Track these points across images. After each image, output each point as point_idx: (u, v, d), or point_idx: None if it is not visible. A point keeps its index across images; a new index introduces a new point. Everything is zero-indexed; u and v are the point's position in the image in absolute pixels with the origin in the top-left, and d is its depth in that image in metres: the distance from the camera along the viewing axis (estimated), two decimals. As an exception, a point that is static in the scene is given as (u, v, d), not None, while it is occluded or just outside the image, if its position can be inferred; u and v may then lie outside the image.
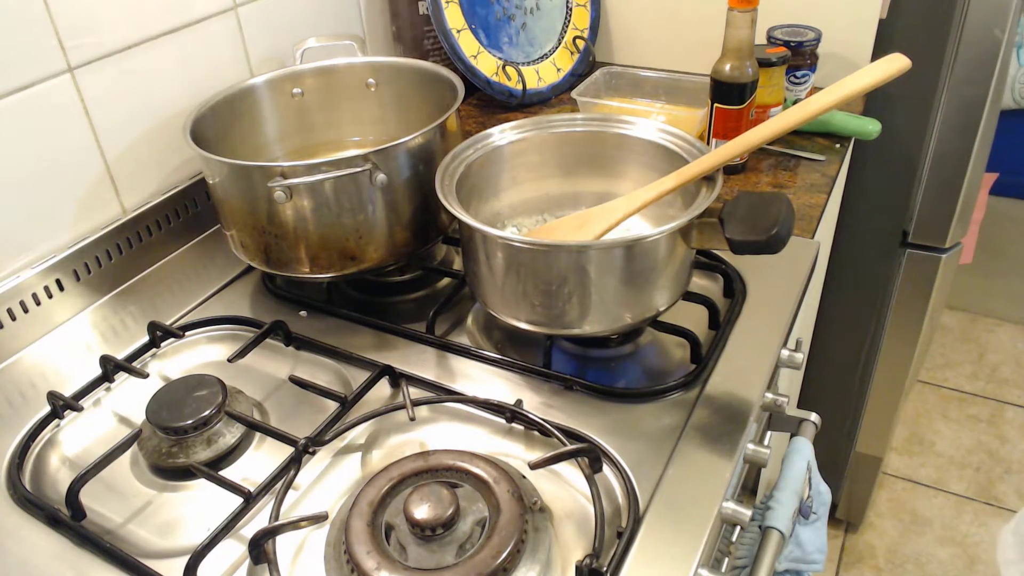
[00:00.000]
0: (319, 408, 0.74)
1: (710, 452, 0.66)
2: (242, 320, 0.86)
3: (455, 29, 1.15)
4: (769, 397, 0.74)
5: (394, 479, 0.62)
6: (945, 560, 1.72)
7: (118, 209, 0.93)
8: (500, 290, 0.73)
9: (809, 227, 0.94)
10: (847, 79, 0.66)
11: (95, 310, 0.90)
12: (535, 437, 0.70)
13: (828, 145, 1.10)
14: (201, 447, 0.69)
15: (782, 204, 0.66)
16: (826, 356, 1.54)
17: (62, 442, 0.74)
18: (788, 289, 0.83)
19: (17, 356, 0.84)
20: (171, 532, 0.65)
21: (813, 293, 1.34)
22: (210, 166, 0.81)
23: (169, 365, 0.82)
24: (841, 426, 1.62)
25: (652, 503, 0.62)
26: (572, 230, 0.78)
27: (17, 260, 0.84)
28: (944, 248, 1.37)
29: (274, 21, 1.06)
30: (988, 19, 1.15)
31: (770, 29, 1.12)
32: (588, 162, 0.86)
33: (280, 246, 0.81)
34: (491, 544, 0.57)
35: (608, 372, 0.77)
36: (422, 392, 0.75)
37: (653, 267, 0.70)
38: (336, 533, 0.61)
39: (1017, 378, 2.15)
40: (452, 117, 0.84)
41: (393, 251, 0.83)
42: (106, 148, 0.89)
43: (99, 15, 0.85)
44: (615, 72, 1.21)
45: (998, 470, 1.91)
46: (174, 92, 0.95)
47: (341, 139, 1.03)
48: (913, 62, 0.66)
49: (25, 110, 0.81)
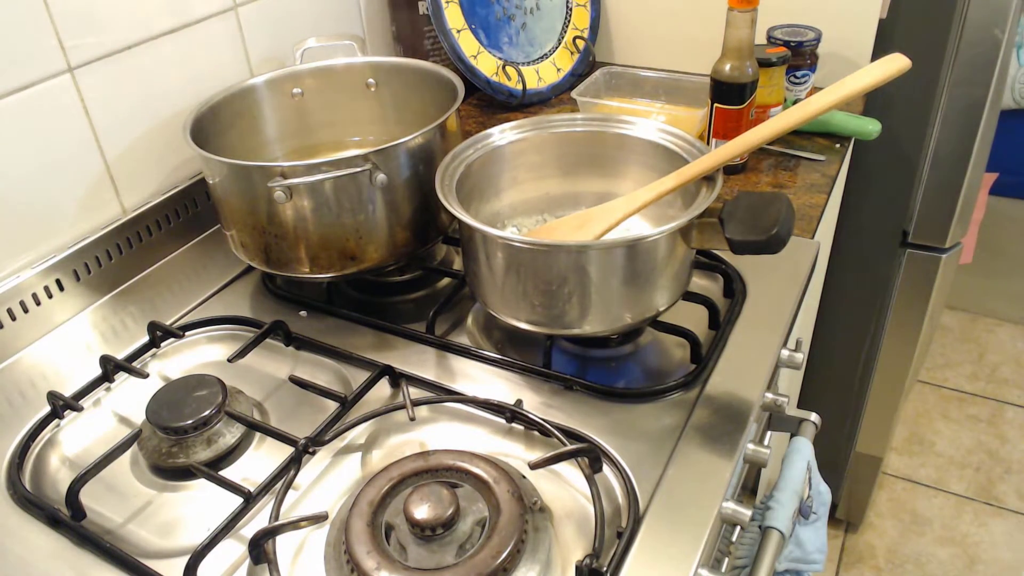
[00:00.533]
0: (319, 408, 0.74)
1: (710, 452, 0.66)
2: (242, 320, 0.86)
3: (455, 29, 1.15)
4: (769, 397, 0.74)
5: (394, 479, 0.62)
6: (945, 560, 1.72)
7: (118, 209, 0.93)
8: (500, 290, 0.73)
9: (809, 227, 0.94)
10: (847, 79, 0.66)
11: (95, 310, 0.90)
12: (535, 437, 0.70)
13: (828, 145, 1.10)
14: (201, 447, 0.69)
15: (782, 204, 0.66)
16: (826, 356, 1.54)
17: (62, 442, 0.74)
18: (788, 289, 0.83)
19: (17, 356, 0.84)
20: (171, 532, 0.65)
21: (813, 293, 1.34)
22: (210, 166, 0.81)
23: (169, 365, 0.82)
24: (841, 426, 1.62)
25: (652, 503, 0.62)
26: (572, 230, 0.78)
27: (17, 260, 0.84)
28: (944, 248, 1.37)
29: (274, 21, 1.06)
30: (988, 19, 1.15)
31: (770, 29, 1.12)
32: (588, 162, 0.86)
33: (280, 246, 0.81)
34: (491, 544, 0.57)
35: (608, 372, 0.77)
36: (422, 392, 0.75)
37: (653, 267, 0.70)
38: (336, 533, 0.61)
39: (1017, 378, 2.15)
40: (452, 117, 0.84)
41: (393, 251, 0.83)
42: (106, 148, 0.89)
43: (99, 15, 0.85)
44: (615, 72, 1.21)
45: (998, 470, 1.91)
46: (174, 92, 0.95)
47: (341, 139, 1.03)
48: (913, 62, 0.66)
49: (25, 110, 0.81)
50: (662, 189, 0.74)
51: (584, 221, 0.77)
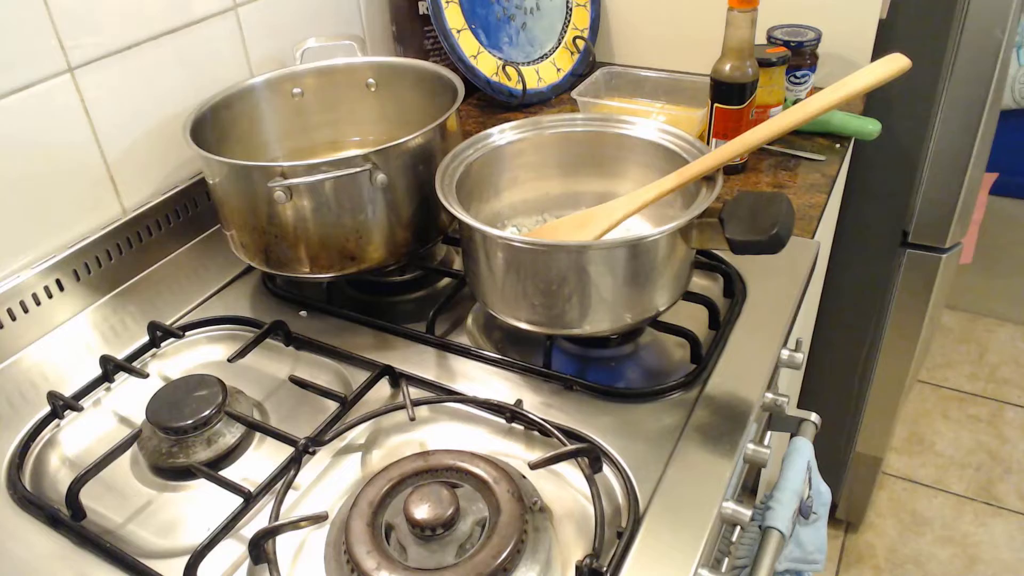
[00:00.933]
0: (319, 408, 0.74)
1: (710, 452, 0.66)
2: (242, 320, 0.86)
3: (455, 29, 1.15)
4: (769, 397, 0.74)
5: (394, 479, 0.62)
6: (945, 560, 1.72)
7: (118, 209, 0.93)
8: (500, 290, 0.73)
9: (809, 227, 0.94)
10: (847, 79, 0.66)
11: (95, 310, 0.90)
12: (535, 437, 0.70)
13: (828, 145, 1.10)
14: (201, 447, 0.69)
15: (782, 204, 0.66)
16: (826, 356, 1.54)
17: (62, 442, 0.74)
18: (788, 289, 0.83)
19: (17, 356, 0.84)
20: (171, 532, 0.65)
21: (813, 293, 1.34)
22: (210, 166, 0.81)
23: (169, 365, 0.82)
24: (841, 426, 1.62)
25: (652, 503, 0.62)
26: (572, 230, 0.78)
27: (17, 260, 0.84)
28: (944, 248, 1.37)
29: (274, 21, 1.06)
30: (988, 19, 1.15)
31: (770, 29, 1.12)
32: (588, 162, 0.86)
33: (280, 246, 0.81)
34: (491, 544, 0.57)
35: (608, 372, 0.77)
36: (422, 392, 0.75)
37: (653, 267, 0.70)
38: (336, 533, 0.61)
39: (1017, 378, 2.15)
40: (452, 117, 0.84)
41: (393, 251, 0.83)
42: (106, 148, 0.89)
43: (99, 15, 0.85)
44: (615, 72, 1.20)
45: (998, 470, 1.91)
46: (174, 92, 0.95)
47: (341, 139, 1.03)
48: (913, 62, 0.66)
49: (25, 110, 0.81)
50: (662, 189, 0.74)
51: (584, 221, 0.77)
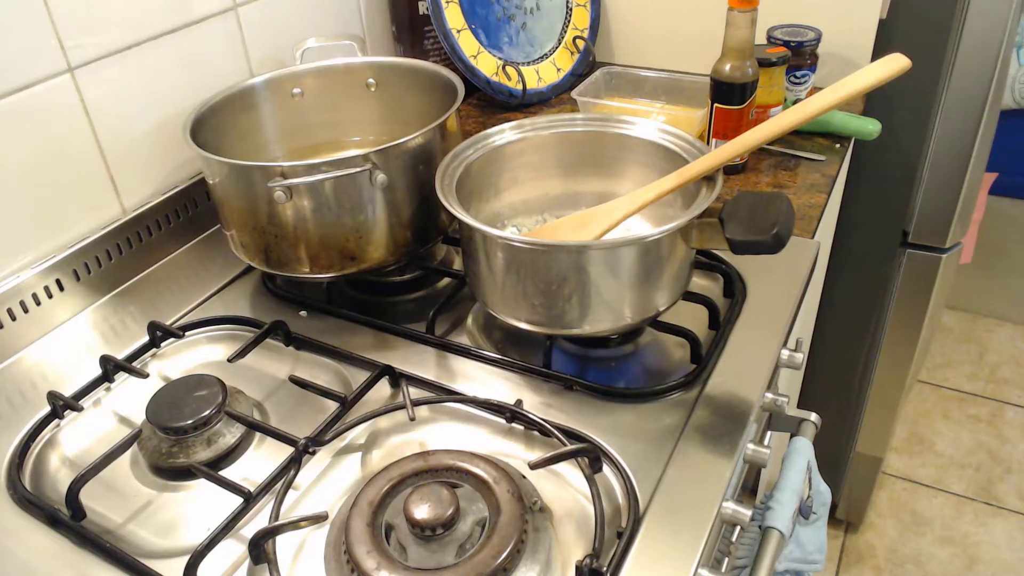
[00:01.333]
0: (319, 408, 0.74)
1: (710, 452, 0.66)
2: (242, 320, 0.86)
3: (455, 29, 1.15)
4: (769, 397, 0.74)
5: (394, 479, 0.62)
6: (945, 560, 1.72)
7: (118, 209, 0.93)
8: (500, 290, 0.73)
9: (809, 227, 0.94)
10: (847, 79, 0.66)
11: (95, 310, 0.90)
12: (535, 437, 0.70)
13: (828, 145, 1.10)
14: (201, 447, 0.69)
15: (782, 204, 0.66)
16: (826, 356, 1.54)
17: (62, 442, 0.74)
18: (788, 289, 0.83)
19: (17, 356, 0.84)
20: (171, 532, 0.65)
21: (813, 293, 1.34)
22: (210, 166, 0.81)
23: (169, 365, 0.82)
24: (841, 426, 1.62)
25: (652, 503, 0.62)
26: (572, 230, 0.78)
27: (17, 260, 0.84)
28: (944, 248, 1.37)
29: (274, 21, 1.06)
30: (988, 19, 1.15)
31: (770, 29, 1.12)
32: (588, 162, 0.86)
33: (280, 246, 0.81)
34: (491, 544, 0.57)
35: (608, 372, 0.77)
36: (422, 392, 0.75)
37: (653, 267, 0.70)
38: (336, 533, 0.61)
39: (1017, 378, 2.15)
40: (452, 117, 0.84)
41: (393, 251, 0.83)
42: (106, 148, 0.89)
43: (99, 15, 0.85)
44: (615, 72, 1.21)
45: (998, 470, 1.91)
46: (174, 92, 0.95)
47: (341, 139, 1.02)
48: (913, 62, 0.66)
49: (25, 110, 0.81)
50: (662, 189, 0.74)
51: (584, 221, 0.77)
